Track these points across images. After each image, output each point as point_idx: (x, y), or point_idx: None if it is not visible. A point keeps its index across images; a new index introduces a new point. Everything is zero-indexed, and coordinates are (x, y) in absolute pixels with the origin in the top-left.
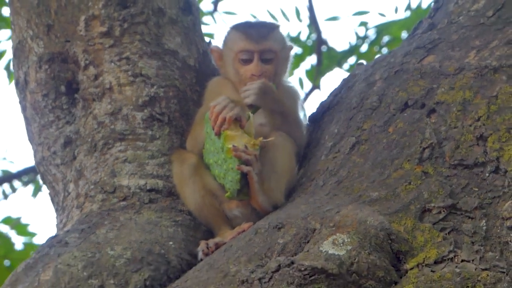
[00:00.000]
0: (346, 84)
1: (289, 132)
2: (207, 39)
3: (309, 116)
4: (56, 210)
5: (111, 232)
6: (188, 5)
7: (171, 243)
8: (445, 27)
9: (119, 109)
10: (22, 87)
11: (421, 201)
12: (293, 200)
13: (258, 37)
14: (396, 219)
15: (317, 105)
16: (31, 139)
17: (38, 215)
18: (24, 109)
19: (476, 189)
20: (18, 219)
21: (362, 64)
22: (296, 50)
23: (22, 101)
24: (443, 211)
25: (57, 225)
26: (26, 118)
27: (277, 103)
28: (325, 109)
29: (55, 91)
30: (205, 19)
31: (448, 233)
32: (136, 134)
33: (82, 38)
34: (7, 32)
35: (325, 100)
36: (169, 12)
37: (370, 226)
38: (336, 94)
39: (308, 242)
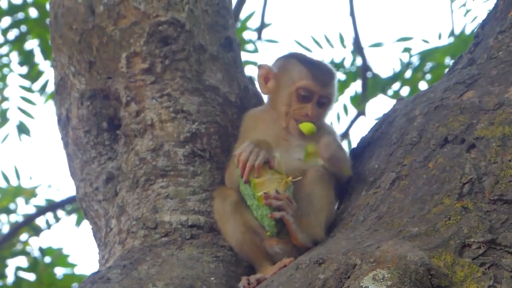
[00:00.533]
0: (386, 119)
1: (339, 171)
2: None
3: (350, 151)
4: (98, 246)
5: (153, 268)
6: (229, 41)
7: (212, 278)
8: (485, 62)
9: (161, 145)
10: (64, 124)
11: (461, 236)
12: (333, 235)
13: (324, 81)
14: (436, 254)
15: (363, 131)
16: (73, 175)
17: (81, 245)
18: (66, 146)
19: None
20: (60, 249)
21: (402, 99)
22: (340, 76)
23: (64, 137)
24: (483, 246)
25: (99, 260)
26: (68, 154)
27: (342, 167)
28: (365, 144)
29: (97, 128)
30: (247, 46)
31: (488, 268)
32: (178, 170)
33: (124, 74)
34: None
35: (365, 135)
36: (210, 48)
37: (410, 262)
38: (376, 129)
39: (348, 277)
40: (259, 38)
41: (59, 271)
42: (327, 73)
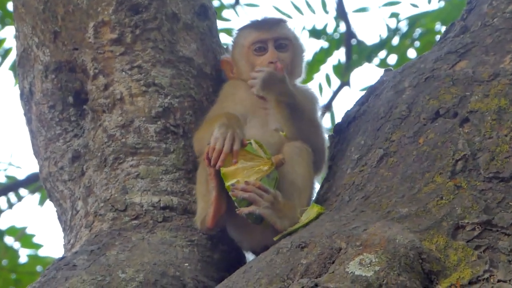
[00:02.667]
0: (373, 92)
1: (306, 135)
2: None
3: (334, 127)
4: (64, 230)
5: (122, 253)
6: (204, 9)
7: (186, 264)
8: (479, 30)
9: (131, 121)
10: (27, 98)
11: (454, 217)
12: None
13: (269, 25)
14: (427, 236)
15: (347, 104)
16: (36, 154)
17: (45, 225)
18: (29, 122)
19: None
20: (23, 229)
21: (390, 69)
22: (323, 44)
23: (27, 113)
24: (478, 227)
25: (64, 245)
26: (31, 131)
27: (289, 95)
28: (351, 118)
29: (62, 102)
30: (224, 13)
31: (483, 251)
32: (149, 148)
33: (91, 45)
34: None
35: (350, 109)
36: (183, 17)
37: (399, 245)
38: (362, 103)
39: (333, 262)
40: (237, 3)
41: (23, 253)
42: (271, 19)
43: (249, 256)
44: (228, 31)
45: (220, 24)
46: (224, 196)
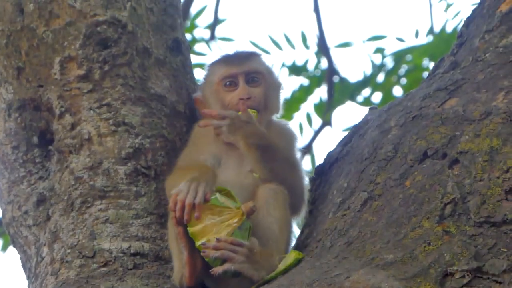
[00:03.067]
0: (357, 132)
1: (281, 175)
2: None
3: (316, 168)
4: (28, 278)
5: None
6: (177, 43)
7: None
8: (470, 66)
9: (99, 162)
10: None
11: (442, 264)
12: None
13: (240, 60)
14: (413, 285)
15: (329, 144)
16: None
17: (8, 273)
18: None
19: (505, 250)
20: None
21: (375, 108)
22: (303, 81)
23: None
24: (468, 275)
25: None
26: None
27: (258, 135)
28: (333, 160)
29: (26, 143)
30: (198, 47)
31: None
32: (119, 191)
33: (57, 82)
34: None
35: (333, 150)
36: (155, 52)
37: None
38: (345, 143)
39: None
40: (213, 37)
41: None
42: (241, 53)
43: None
44: (202, 66)
45: (194, 59)
46: (197, 255)
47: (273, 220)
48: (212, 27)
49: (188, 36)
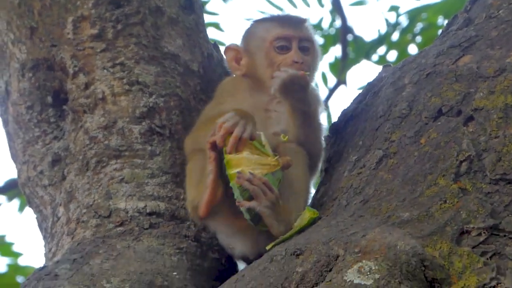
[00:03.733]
0: (371, 89)
1: (308, 140)
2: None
3: (330, 126)
4: (44, 237)
5: (106, 262)
6: (189, 2)
7: (175, 273)
8: (483, 23)
9: (114, 122)
10: (3, 99)
11: (458, 222)
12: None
13: (296, 23)
14: (430, 242)
15: (344, 103)
16: (14, 157)
17: (25, 233)
18: (5, 124)
19: None
20: (2, 237)
21: (389, 65)
22: (318, 40)
23: (3, 114)
24: (484, 232)
25: (45, 254)
26: (8, 133)
27: (306, 103)
28: (348, 118)
29: (40, 103)
30: (209, 6)
31: (490, 257)
32: (134, 150)
33: (70, 42)
34: None
35: (348, 108)
36: (168, 11)
37: (400, 252)
38: (360, 101)
39: (330, 270)
40: None
41: (2, 262)
42: (295, 16)
43: (241, 265)
44: (215, 25)
45: (206, 18)
46: (220, 184)
47: (293, 178)
48: None
49: None
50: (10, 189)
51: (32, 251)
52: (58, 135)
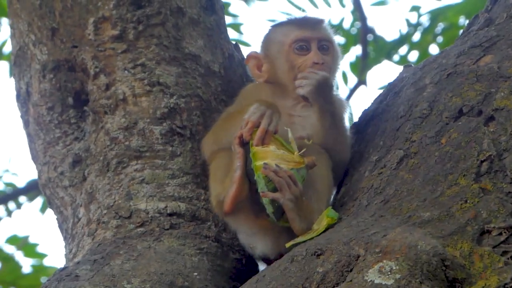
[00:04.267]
0: (392, 89)
1: (335, 143)
2: (235, 37)
3: (351, 126)
4: (65, 238)
5: (127, 263)
6: (211, 3)
7: (195, 274)
8: (504, 22)
9: (135, 122)
10: (23, 100)
11: (479, 222)
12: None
13: (314, 24)
14: (451, 242)
15: (364, 102)
16: (35, 158)
17: (48, 234)
18: (26, 125)
19: None
20: (26, 238)
21: (410, 66)
22: (339, 39)
23: (24, 115)
24: (505, 232)
25: (66, 255)
26: (29, 134)
27: (332, 104)
28: (368, 118)
29: (61, 104)
30: (232, 8)
31: (511, 257)
32: (154, 151)
33: (91, 43)
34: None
35: (368, 108)
36: (189, 11)
37: (421, 251)
38: (381, 101)
39: (351, 270)
40: None
41: (27, 262)
42: (312, 17)
43: (261, 265)
44: (235, 27)
45: (227, 20)
46: (247, 181)
47: (316, 178)
48: None
49: None
50: (31, 190)
51: (57, 252)
52: (79, 136)
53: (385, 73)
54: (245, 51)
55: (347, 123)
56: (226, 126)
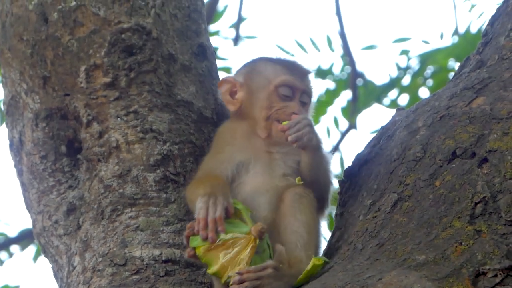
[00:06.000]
0: (385, 133)
1: (320, 175)
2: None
3: (345, 171)
4: (60, 287)
5: None
6: (202, 49)
7: None
8: (496, 64)
9: (128, 170)
10: (17, 149)
11: (474, 264)
12: (329, 267)
13: (302, 74)
14: (446, 285)
15: (355, 146)
16: (29, 207)
17: (40, 282)
18: (20, 174)
19: None
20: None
21: (402, 109)
22: (329, 84)
23: (18, 164)
24: (500, 274)
25: None
26: (22, 183)
27: (319, 140)
28: (362, 162)
29: (54, 152)
30: (220, 51)
31: None
32: (149, 198)
33: (83, 90)
34: None
35: (362, 152)
36: (181, 58)
37: None
38: (374, 145)
39: None
40: (237, 36)
41: None
42: (301, 67)
43: None
44: (226, 70)
45: (218, 64)
46: None
47: (300, 225)
48: (236, 26)
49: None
50: (23, 239)
51: None
52: (73, 184)
53: (375, 117)
54: None
55: (328, 159)
56: (206, 171)
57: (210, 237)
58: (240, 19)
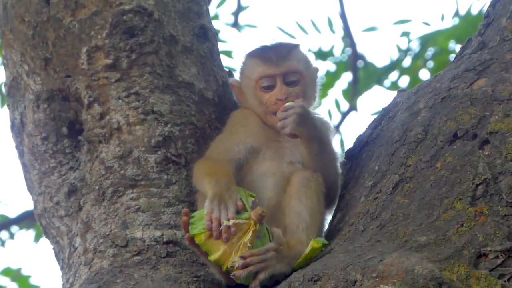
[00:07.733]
0: (386, 115)
1: (323, 168)
2: (227, 65)
3: (346, 152)
4: (62, 268)
5: None
6: (203, 30)
7: None
8: (497, 46)
9: (129, 151)
10: (18, 130)
11: (475, 245)
12: (330, 248)
13: (278, 59)
14: (447, 266)
15: (356, 128)
16: (30, 189)
17: (41, 263)
18: (21, 155)
19: None
20: (19, 270)
21: (404, 91)
22: (330, 66)
23: (19, 145)
24: (501, 255)
25: (63, 285)
26: (24, 164)
27: (316, 128)
28: (363, 143)
29: (56, 134)
30: (222, 34)
31: (508, 280)
32: (150, 180)
33: (85, 72)
34: None
35: (363, 133)
36: (182, 39)
37: (418, 276)
38: (375, 126)
39: None
40: (236, 22)
41: None
42: (280, 48)
43: None
44: (228, 53)
45: (220, 46)
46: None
47: (303, 208)
48: (235, 14)
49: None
50: (24, 220)
51: (49, 283)
52: (74, 166)
53: (376, 98)
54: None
55: (334, 146)
56: (219, 150)
57: (225, 237)
58: (240, 8)
